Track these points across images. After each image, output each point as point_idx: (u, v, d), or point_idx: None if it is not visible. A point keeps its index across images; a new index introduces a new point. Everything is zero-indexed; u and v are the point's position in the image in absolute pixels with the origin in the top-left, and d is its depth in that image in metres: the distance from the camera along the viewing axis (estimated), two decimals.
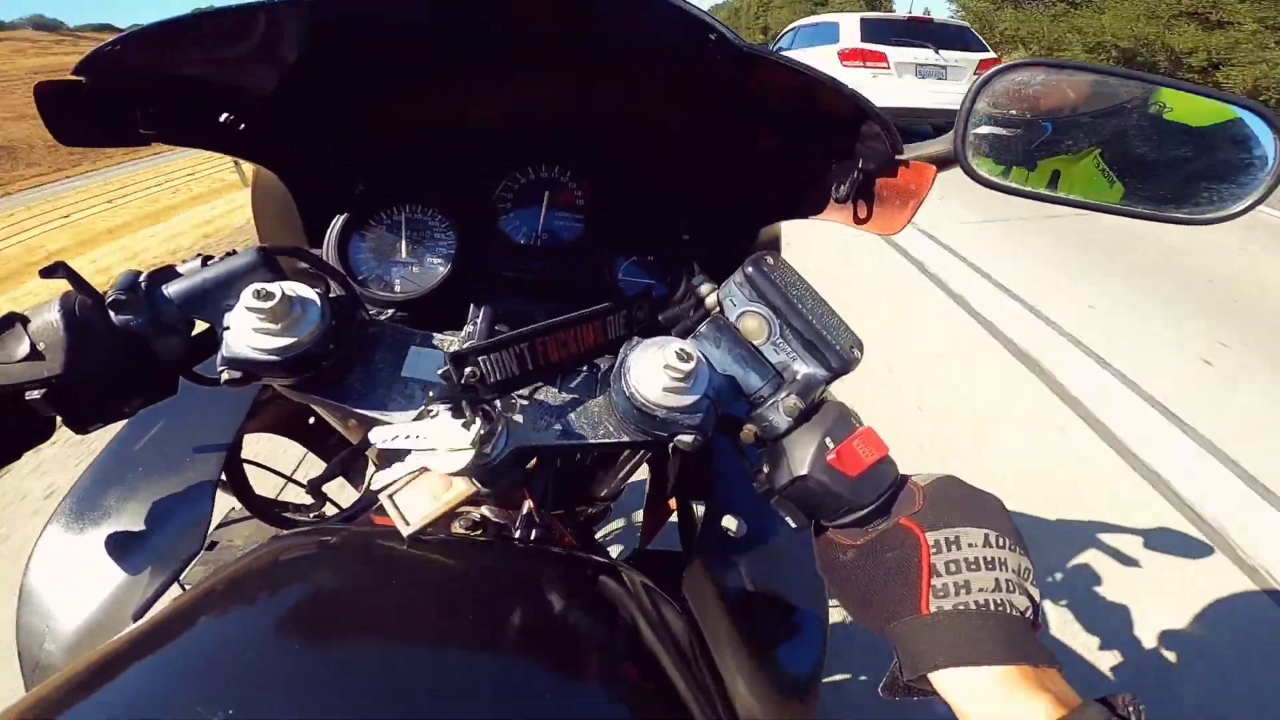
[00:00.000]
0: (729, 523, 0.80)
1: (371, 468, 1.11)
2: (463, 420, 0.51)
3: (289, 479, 0.92)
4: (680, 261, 0.92)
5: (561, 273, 0.90)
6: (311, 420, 1.06)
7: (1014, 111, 0.69)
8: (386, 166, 0.86)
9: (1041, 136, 0.75)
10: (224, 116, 0.68)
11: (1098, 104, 0.73)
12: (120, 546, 0.69)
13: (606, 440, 0.59)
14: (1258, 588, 2.06)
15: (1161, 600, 1.99)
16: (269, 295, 0.50)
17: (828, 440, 0.54)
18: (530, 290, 0.89)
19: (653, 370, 0.55)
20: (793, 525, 0.58)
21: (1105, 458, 2.64)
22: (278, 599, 0.42)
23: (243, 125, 0.69)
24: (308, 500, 0.90)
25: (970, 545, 0.48)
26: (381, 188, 0.85)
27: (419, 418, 0.55)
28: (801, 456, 0.54)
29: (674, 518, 1.19)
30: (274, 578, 0.46)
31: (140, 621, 0.40)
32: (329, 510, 0.92)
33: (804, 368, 0.60)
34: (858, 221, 0.72)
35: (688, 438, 0.55)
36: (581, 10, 0.61)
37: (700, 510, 1.00)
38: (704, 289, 0.67)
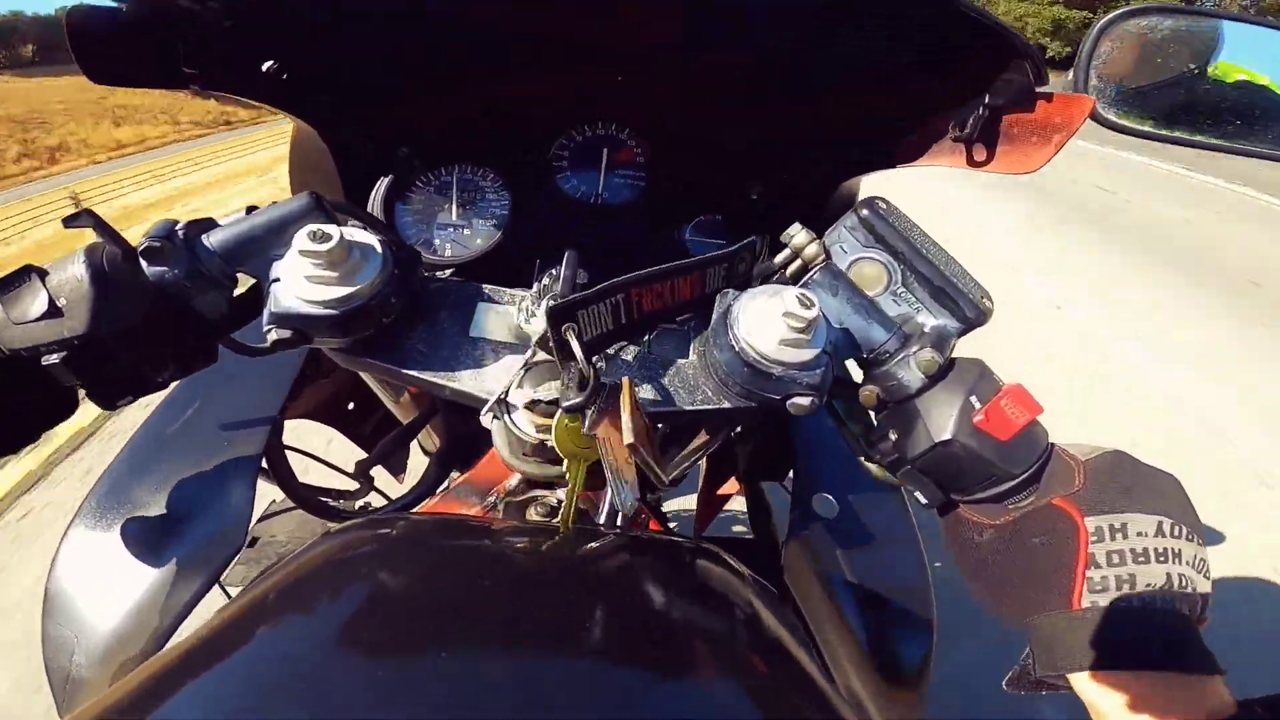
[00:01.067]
0: (822, 503, 0.71)
1: (417, 450, 1.04)
2: (572, 386, 0.44)
3: (333, 467, 0.84)
4: (749, 222, 0.84)
5: (622, 234, 0.82)
6: (351, 405, 0.99)
7: (1135, 55, 0.65)
8: (434, 126, 0.79)
9: (1167, 79, 0.69)
10: (267, 65, 0.61)
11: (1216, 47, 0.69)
12: (153, 545, 0.62)
13: (704, 407, 0.51)
14: None
15: None
16: (325, 236, 0.43)
17: (972, 399, 0.46)
18: (588, 252, 0.82)
19: (768, 320, 0.47)
20: (923, 501, 0.50)
21: None
22: (361, 599, 0.34)
23: (285, 75, 0.62)
24: (348, 488, 0.82)
25: (1140, 534, 0.41)
26: (428, 148, 0.78)
27: (512, 384, 0.48)
28: (943, 419, 0.46)
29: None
30: (352, 574, 0.38)
31: (200, 629, 0.33)
32: (374, 500, 0.84)
33: (932, 319, 0.53)
34: (973, 163, 0.63)
35: (805, 400, 0.47)
36: None
37: (765, 488, 0.93)
38: (800, 237, 0.59)
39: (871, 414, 0.57)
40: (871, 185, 0.73)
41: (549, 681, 0.29)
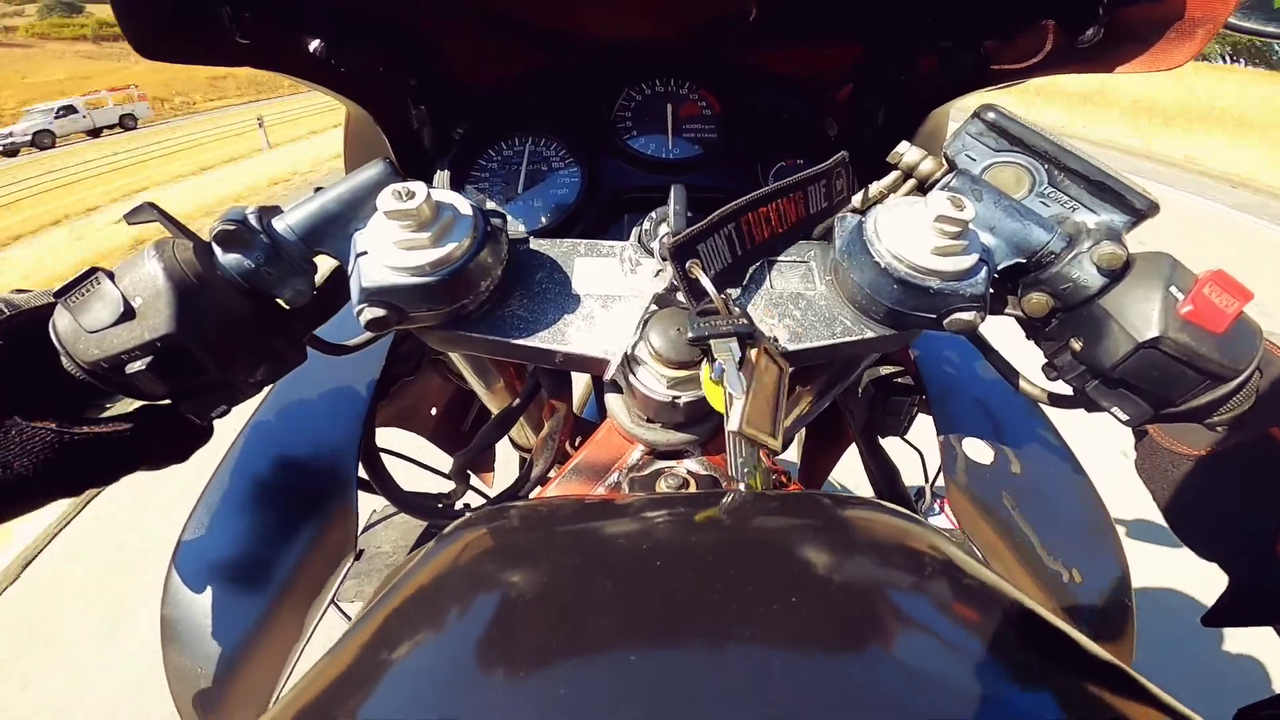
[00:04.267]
0: (975, 447, 0.63)
1: (504, 447, 1.00)
2: (714, 324, 0.39)
3: (429, 468, 0.81)
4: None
5: (703, 186, 0.75)
6: (434, 410, 0.96)
7: None
8: (488, 101, 0.75)
9: None
10: (314, 46, 0.57)
11: None
12: (263, 566, 0.59)
13: (846, 339, 0.45)
14: None
15: None
16: (410, 194, 0.38)
17: (1173, 290, 0.39)
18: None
19: (915, 229, 0.42)
20: (1122, 418, 0.43)
21: None
22: (537, 594, 0.28)
23: (333, 60, 0.59)
24: (444, 488, 0.79)
25: None
26: (485, 124, 0.74)
27: (640, 339, 0.43)
28: (1144, 315, 0.39)
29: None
30: (513, 568, 0.32)
31: (349, 648, 0.27)
32: (472, 499, 0.81)
33: (1094, 216, 0.47)
34: (1102, 66, 0.53)
35: (968, 314, 0.42)
36: None
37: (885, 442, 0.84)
38: (912, 154, 0.52)
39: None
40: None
41: (784, 663, 0.23)
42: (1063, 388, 0.48)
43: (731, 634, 0.25)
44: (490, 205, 0.72)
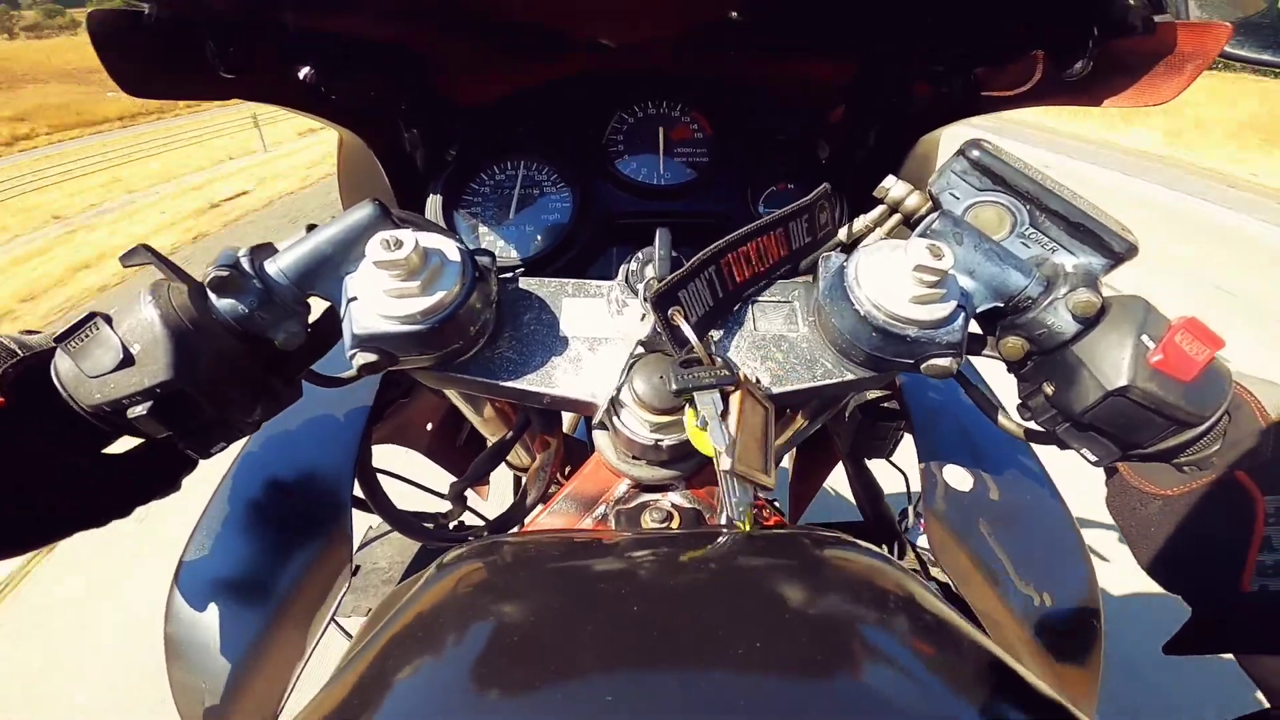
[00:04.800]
0: (954, 474, 0.64)
1: (507, 471, 1.02)
2: (696, 376, 0.40)
3: (427, 489, 0.82)
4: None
5: (693, 211, 0.76)
6: (429, 426, 0.97)
7: None
8: (481, 125, 0.75)
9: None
10: (304, 74, 0.58)
11: None
12: (264, 584, 0.60)
13: (827, 381, 0.46)
14: None
15: None
16: (398, 243, 0.39)
17: (1144, 339, 0.40)
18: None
19: (894, 276, 0.43)
20: (1091, 459, 0.45)
21: None
22: (530, 625, 0.30)
23: (324, 88, 0.59)
24: (440, 510, 0.80)
25: None
26: (477, 148, 0.74)
27: (624, 384, 0.45)
28: (1114, 363, 0.40)
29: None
30: (506, 599, 0.34)
31: (353, 666, 0.30)
32: (469, 520, 0.82)
33: (1073, 258, 0.47)
34: (1090, 99, 0.54)
35: (944, 361, 0.43)
36: None
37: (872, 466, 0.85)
38: (898, 189, 0.53)
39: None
40: None
41: (751, 700, 0.25)
42: (1038, 425, 0.49)
43: (706, 671, 0.27)
44: (482, 235, 0.73)
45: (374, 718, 0.26)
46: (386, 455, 0.87)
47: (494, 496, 1.14)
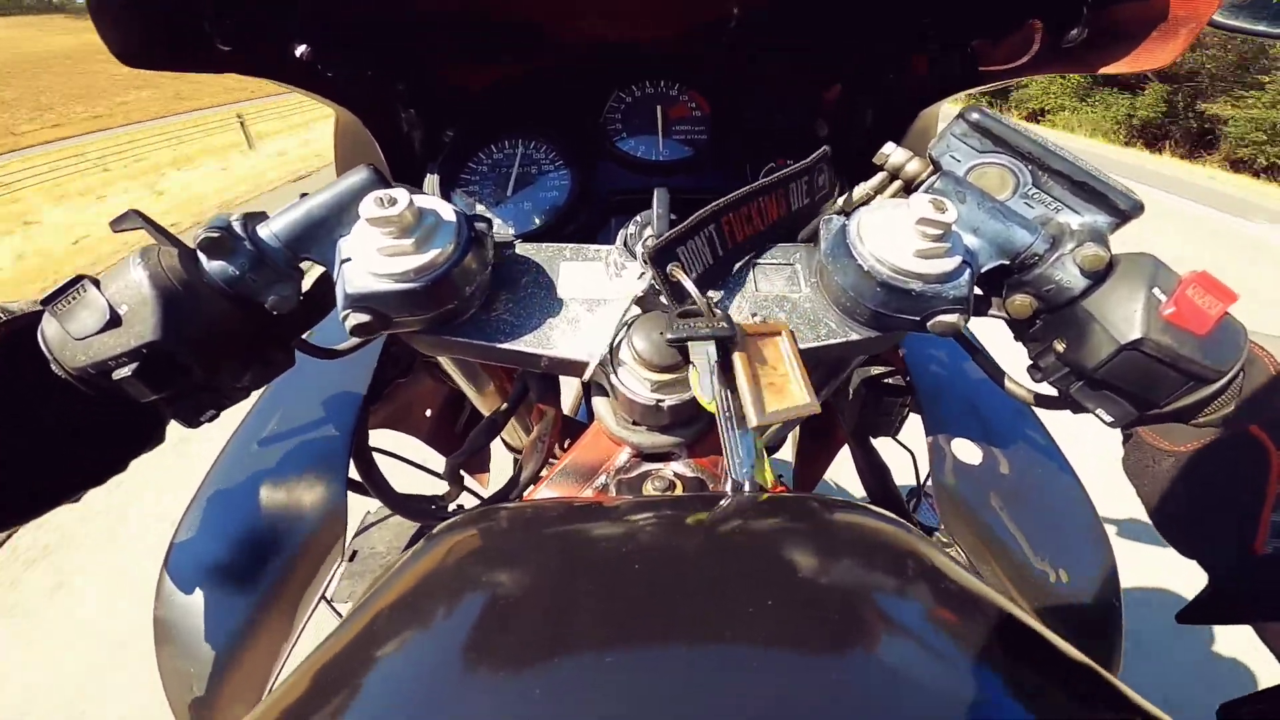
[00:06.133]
0: (963, 448, 0.63)
1: (498, 449, 1.01)
2: (693, 325, 0.39)
3: (423, 468, 0.81)
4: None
5: (693, 188, 0.76)
6: (428, 412, 0.96)
7: None
8: (478, 103, 0.75)
9: None
10: (300, 51, 0.57)
11: None
12: (254, 568, 0.60)
13: (830, 341, 0.45)
14: None
15: None
16: (392, 200, 0.38)
17: (1155, 291, 0.40)
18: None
19: (897, 232, 0.42)
20: (1107, 420, 0.44)
21: None
22: (526, 592, 0.29)
23: (320, 65, 0.59)
24: (438, 490, 0.79)
25: None
26: (475, 127, 0.74)
27: (618, 343, 0.44)
28: (1126, 317, 0.39)
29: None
30: (501, 566, 0.32)
31: (335, 646, 0.28)
32: (466, 500, 0.81)
33: (1078, 216, 0.47)
34: (1087, 66, 0.54)
35: (950, 316, 0.42)
36: None
37: (877, 442, 0.84)
38: (898, 155, 0.53)
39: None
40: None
41: (758, 666, 0.23)
42: (1048, 389, 0.48)
43: (707, 636, 0.25)
44: (479, 209, 0.72)
45: (362, 681, 0.25)
46: (386, 441, 0.86)
47: (493, 482, 1.14)
